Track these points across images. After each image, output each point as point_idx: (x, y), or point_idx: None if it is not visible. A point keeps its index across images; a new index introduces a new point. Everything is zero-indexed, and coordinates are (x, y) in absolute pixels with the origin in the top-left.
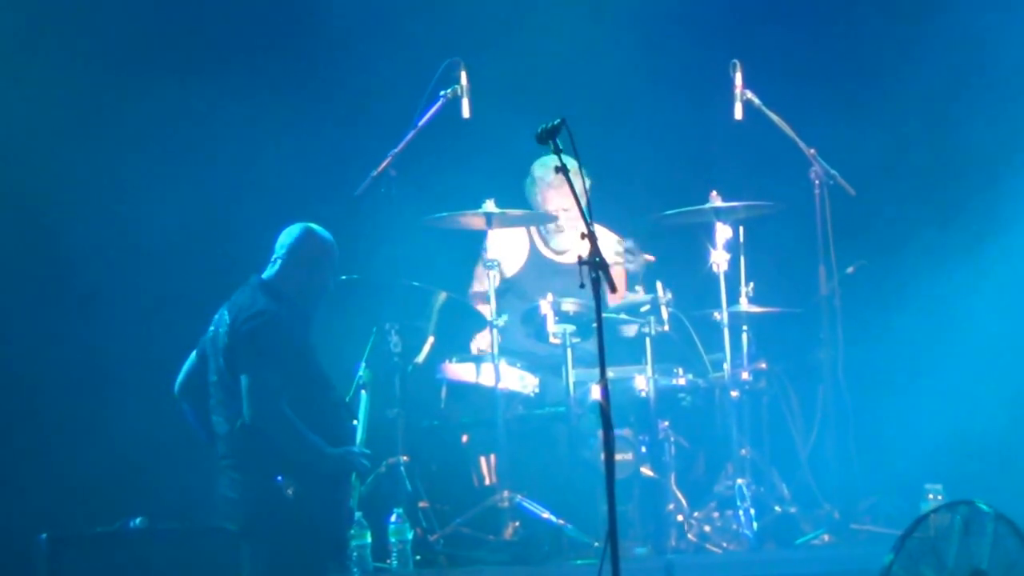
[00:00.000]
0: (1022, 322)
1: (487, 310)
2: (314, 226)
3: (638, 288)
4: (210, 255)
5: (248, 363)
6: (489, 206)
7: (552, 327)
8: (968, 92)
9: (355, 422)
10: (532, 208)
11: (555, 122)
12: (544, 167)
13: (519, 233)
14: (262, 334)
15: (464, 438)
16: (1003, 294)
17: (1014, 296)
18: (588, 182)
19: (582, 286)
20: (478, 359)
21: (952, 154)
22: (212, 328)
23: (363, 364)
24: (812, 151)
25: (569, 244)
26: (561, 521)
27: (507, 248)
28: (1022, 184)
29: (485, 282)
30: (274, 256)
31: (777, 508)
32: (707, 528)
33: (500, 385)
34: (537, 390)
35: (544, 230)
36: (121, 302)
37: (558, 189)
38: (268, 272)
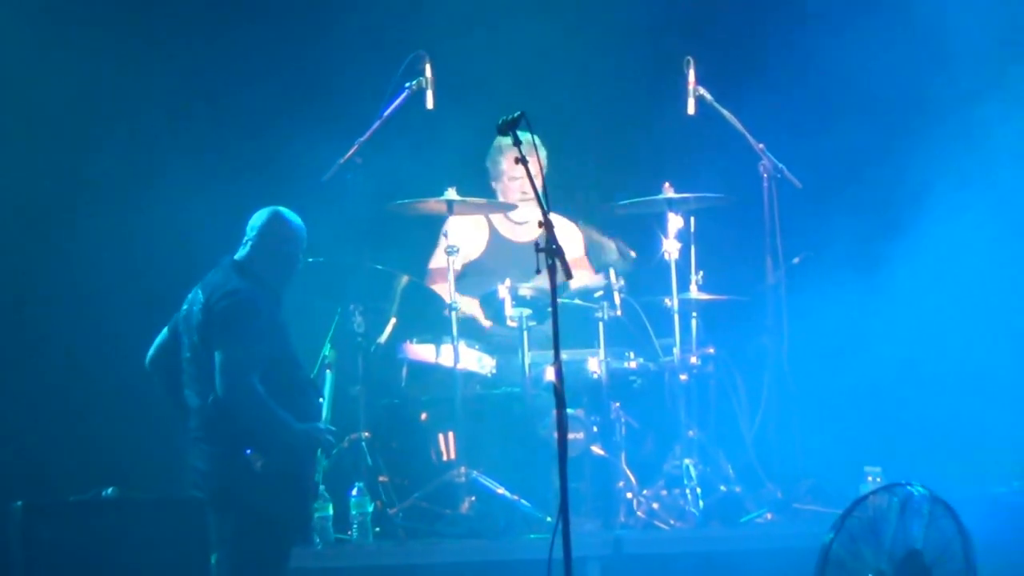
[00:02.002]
0: (961, 310)
1: (445, 290)
2: (283, 209)
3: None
4: (182, 237)
5: (222, 340)
6: (451, 193)
7: (509, 311)
8: (915, 90)
9: (321, 399)
10: (493, 176)
11: (515, 114)
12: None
13: (479, 218)
14: (235, 312)
15: (423, 416)
16: (940, 283)
17: (951, 284)
18: (544, 152)
19: (538, 272)
20: (438, 340)
21: (895, 149)
22: (185, 307)
23: (328, 344)
24: (761, 146)
25: (528, 216)
26: (515, 497)
27: (468, 233)
28: (959, 179)
29: (445, 262)
30: (245, 238)
31: (722, 487)
32: (655, 505)
33: (459, 365)
34: (494, 371)
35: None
36: (96, 278)
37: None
38: (240, 253)
